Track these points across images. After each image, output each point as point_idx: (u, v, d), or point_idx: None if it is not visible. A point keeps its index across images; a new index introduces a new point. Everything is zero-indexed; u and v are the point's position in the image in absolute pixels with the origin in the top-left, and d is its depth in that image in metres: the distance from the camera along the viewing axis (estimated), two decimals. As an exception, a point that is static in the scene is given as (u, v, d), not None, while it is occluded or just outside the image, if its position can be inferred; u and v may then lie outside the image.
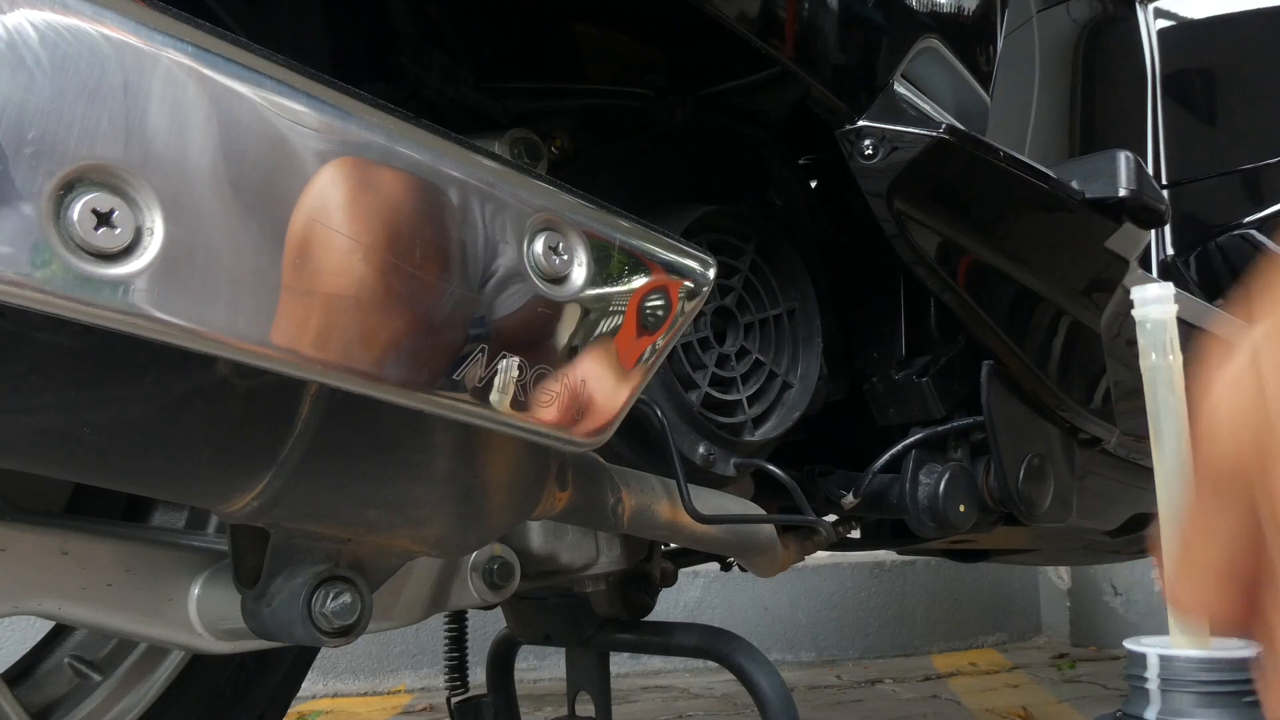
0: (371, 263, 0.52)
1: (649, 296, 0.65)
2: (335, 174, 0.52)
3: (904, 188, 0.91)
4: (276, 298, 0.50)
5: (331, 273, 0.51)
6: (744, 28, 0.80)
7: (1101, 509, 1.30)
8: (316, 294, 0.51)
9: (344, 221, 0.52)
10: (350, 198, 0.52)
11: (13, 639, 2.48)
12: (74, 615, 0.75)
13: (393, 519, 0.68)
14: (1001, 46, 1.07)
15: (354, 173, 0.52)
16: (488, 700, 1.31)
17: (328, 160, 0.51)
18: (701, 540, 0.95)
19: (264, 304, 0.49)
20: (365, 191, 0.52)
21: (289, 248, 0.50)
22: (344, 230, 0.52)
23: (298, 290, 0.50)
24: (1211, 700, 0.62)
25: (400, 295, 0.54)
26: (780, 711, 1.05)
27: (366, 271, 0.52)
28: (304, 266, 0.50)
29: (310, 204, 0.51)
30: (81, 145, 0.44)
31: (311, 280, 0.51)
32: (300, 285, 0.50)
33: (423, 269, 0.54)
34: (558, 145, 0.92)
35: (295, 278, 0.50)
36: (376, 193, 0.53)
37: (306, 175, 0.51)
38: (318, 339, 0.51)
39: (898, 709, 2.45)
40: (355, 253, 0.52)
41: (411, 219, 0.54)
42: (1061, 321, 1.08)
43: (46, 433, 0.56)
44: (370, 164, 0.53)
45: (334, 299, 0.51)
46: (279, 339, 0.50)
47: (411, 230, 0.54)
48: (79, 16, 0.45)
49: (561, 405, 0.62)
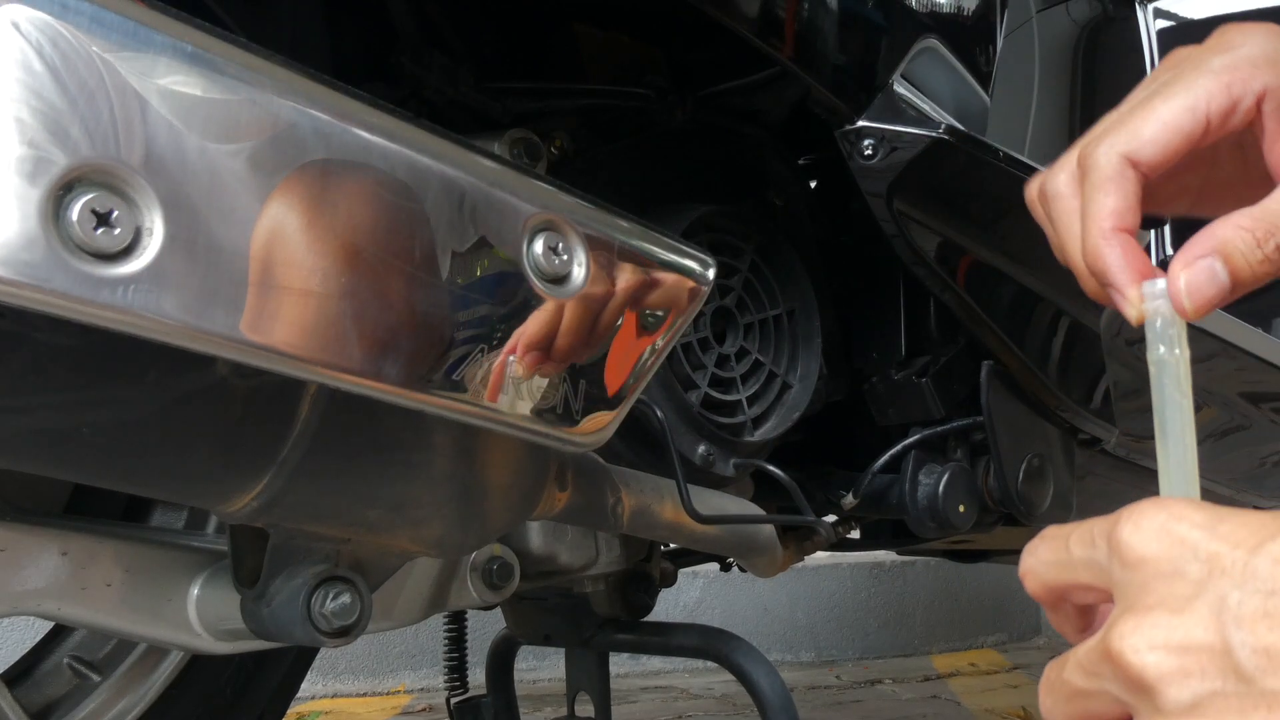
0: (371, 263, 0.52)
1: (649, 297, 0.65)
2: (335, 174, 0.52)
3: (904, 188, 0.91)
4: (276, 298, 0.50)
5: (330, 273, 0.51)
6: (744, 28, 0.80)
7: (1101, 509, 1.30)
8: (316, 294, 0.51)
9: (343, 221, 0.52)
10: (349, 198, 0.52)
11: (13, 639, 2.48)
12: (74, 615, 0.75)
13: (392, 519, 0.68)
14: (1001, 46, 1.07)
15: (354, 173, 0.52)
16: (487, 700, 1.31)
17: (328, 160, 0.51)
18: (701, 540, 0.95)
19: (263, 304, 0.49)
20: (364, 191, 0.52)
21: (288, 248, 0.50)
22: (343, 230, 0.52)
23: (296, 290, 0.50)
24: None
25: (400, 295, 0.54)
26: (780, 712, 1.05)
27: (366, 272, 0.52)
28: (303, 266, 0.50)
29: (310, 204, 0.51)
30: (81, 145, 0.44)
31: (310, 280, 0.51)
32: (299, 285, 0.50)
33: (422, 269, 0.54)
34: (558, 145, 0.92)
35: (294, 278, 0.50)
36: (376, 193, 0.53)
37: (306, 175, 0.51)
38: (317, 339, 0.51)
39: (897, 709, 2.45)
40: (355, 253, 0.52)
41: (411, 219, 0.54)
42: (1061, 321, 1.08)
43: (46, 433, 0.56)
44: (370, 164, 0.53)
45: (333, 299, 0.51)
46: (278, 339, 0.50)
47: (411, 230, 0.54)
48: (80, 16, 0.45)
49: (561, 405, 0.62)
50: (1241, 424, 1.41)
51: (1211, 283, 0.50)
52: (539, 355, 0.60)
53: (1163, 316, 0.50)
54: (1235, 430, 1.41)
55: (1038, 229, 0.62)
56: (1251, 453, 1.48)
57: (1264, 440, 1.46)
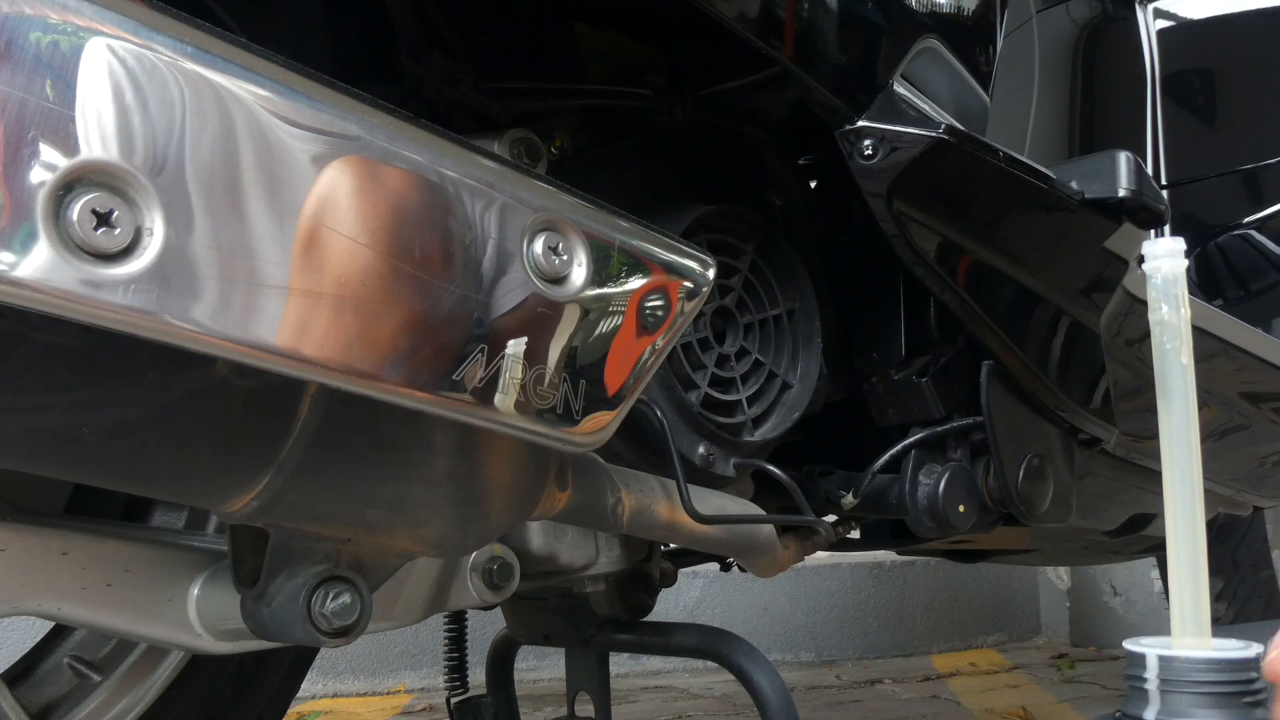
0: (371, 263, 0.52)
1: (648, 297, 0.65)
2: (335, 174, 0.52)
3: (904, 188, 0.91)
4: (275, 298, 0.50)
5: (330, 273, 0.51)
6: (744, 28, 0.80)
7: (1101, 509, 1.30)
8: (315, 294, 0.51)
9: (343, 222, 0.52)
10: (350, 198, 0.52)
11: (13, 639, 2.48)
12: (74, 615, 0.75)
13: (392, 519, 0.68)
14: (1001, 46, 1.07)
15: (354, 173, 0.52)
16: (487, 700, 1.31)
17: (328, 161, 0.51)
18: (701, 540, 0.95)
19: (263, 304, 0.49)
20: (365, 192, 0.52)
21: (288, 248, 0.50)
22: (343, 230, 0.52)
23: (296, 291, 0.50)
24: (1210, 700, 0.62)
25: (399, 295, 0.54)
26: (780, 712, 1.05)
27: (366, 272, 0.52)
28: (303, 267, 0.50)
29: (309, 204, 0.51)
30: (81, 145, 0.44)
31: (310, 280, 0.51)
32: (299, 286, 0.50)
33: (422, 269, 0.54)
34: (557, 145, 0.92)
35: (294, 278, 0.50)
36: (376, 193, 0.53)
37: (306, 176, 0.51)
38: (317, 339, 0.51)
39: (897, 709, 2.45)
40: (354, 253, 0.52)
41: (411, 219, 0.54)
42: (1061, 322, 1.08)
43: (46, 433, 0.56)
44: (370, 164, 0.53)
45: (333, 299, 0.51)
46: (278, 340, 0.50)
47: (411, 230, 0.54)
48: (80, 17, 0.45)
49: (561, 405, 0.62)
50: (1241, 424, 1.41)
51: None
52: (539, 355, 0.60)
53: (1164, 276, 0.50)
54: (1235, 430, 1.41)
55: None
56: (1251, 453, 1.48)
57: (1264, 440, 1.46)
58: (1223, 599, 2.22)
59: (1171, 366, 0.48)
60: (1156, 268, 0.50)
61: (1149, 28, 1.70)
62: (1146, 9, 1.72)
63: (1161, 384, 0.48)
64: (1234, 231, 1.69)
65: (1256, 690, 0.62)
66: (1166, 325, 0.49)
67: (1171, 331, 0.49)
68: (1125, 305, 1.11)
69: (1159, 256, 0.50)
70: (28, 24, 0.44)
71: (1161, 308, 0.49)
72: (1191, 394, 0.48)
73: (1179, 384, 0.48)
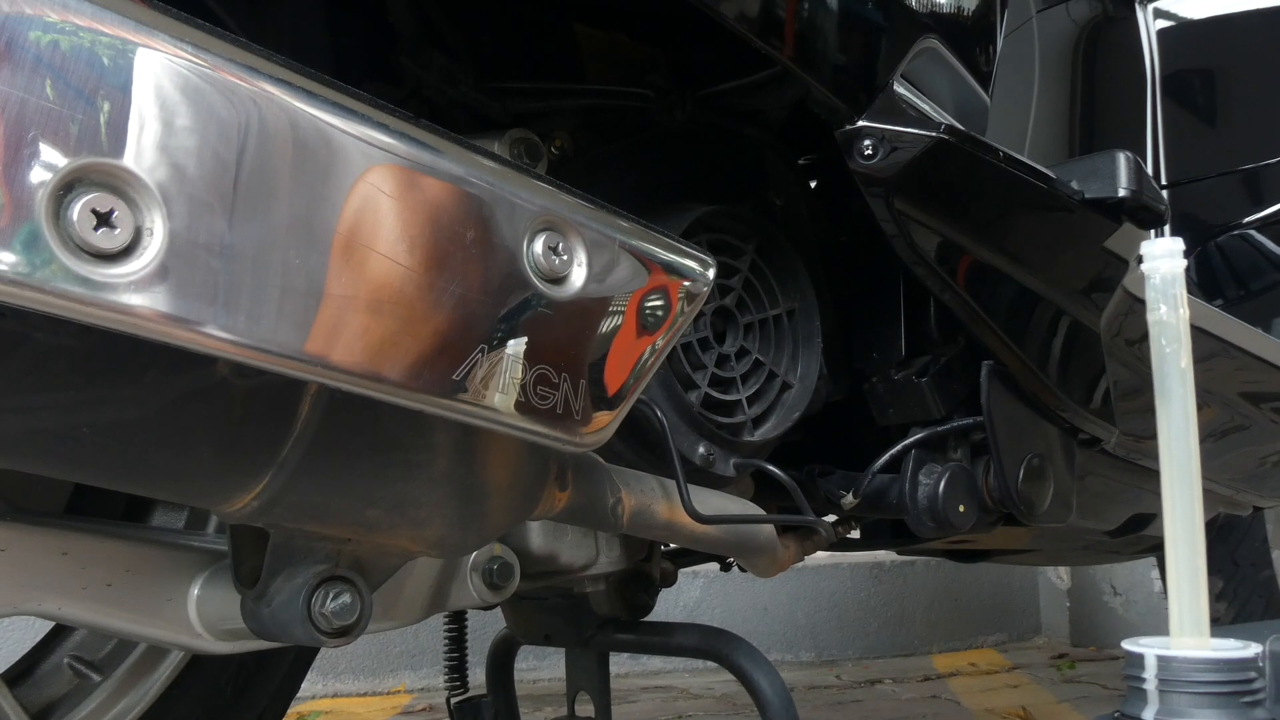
0: (370, 263, 0.52)
1: (648, 297, 0.65)
2: (335, 174, 0.52)
3: (904, 188, 0.91)
4: (275, 298, 0.50)
5: (330, 273, 0.51)
6: (744, 28, 0.80)
7: (1101, 509, 1.30)
8: (315, 294, 0.51)
9: (343, 222, 0.52)
10: (349, 198, 0.52)
11: (13, 639, 2.48)
12: (74, 615, 0.75)
13: (393, 519, 0.68)
14: (1001, 46, 1.07)
15: (353, 173, 0.52)
16: (487, 700, 1.31)
17: (328, 161, 0.51)
18: (701, 540, 0.95)
19: (263, 304, 0.49)
20: (364, 192, 0.52)
21: (288, 248, 0.50)
22: (343, 230, 0.52)
23: (296, 291, 0.50)
24: (1209, 700, 0.62)
25: (400, 295, 0.54)
26: (780, 712, 1.05)
27: (365, 272, 0.52)
28: (303, 267, 0.50)
29: (309, 204, 0.51)
30: (81, 145, 0.44)
31: (310, 281, 0.51)
32: (299, 286, 0.50)
33: (421, 269, 0.54)
34: (558, 145, 0.92)
35: (294, 278, 0.50)
36: (375, 193, 0.53)
37: (306, 176, 0.51)
38: (317, 339, 0.51)
39: (897, 709, 2.45)
40: (355, 253, 0.52)
41: (411, 219, 0.54)
42: (1061, 321, 1.08)
43: (46, 433, 0.56)
44: (370, 164, 0.53)
45: (332, 299, 0.51)
46: (278, 340, 0.50)
47: (410, 230, 0.54)
48: (80, 16, 0.45)
49: (561, 405, 0.62)
50: (1241, 424, 1.41)
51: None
52: (539, 355, 0.60)
53: (1163, 276, 0.50)
54: (1235, 430, 1.41)
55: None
56: (1251, 453, 1.48)
57: (1264, 440, 1.46)
58: (1223, 599, 2.22)
59: (1170, 366, 0.48)
60: (1155, 268, 0.50)
61: (1149, 28, 1.70)
62: (1146, 9, 1.72)
63: (1160, 384, 0.48)
64: (1234, 231, 1.69)
65: (1255, 690, 0.62)
66: (1165, 325, 0.49)
67: (1170, 332, 0.49)
68: (1125, 305, 1.11)
69: (1157, 256, 0.50)
70: (28, 24, 0.44)
71: (1160, 308, 0.49)
72: (1190, 394, 0.48)
73: (1177, 384, 0.48)
